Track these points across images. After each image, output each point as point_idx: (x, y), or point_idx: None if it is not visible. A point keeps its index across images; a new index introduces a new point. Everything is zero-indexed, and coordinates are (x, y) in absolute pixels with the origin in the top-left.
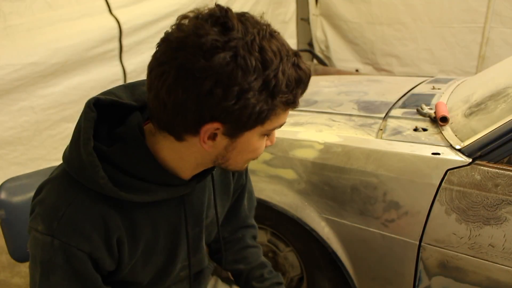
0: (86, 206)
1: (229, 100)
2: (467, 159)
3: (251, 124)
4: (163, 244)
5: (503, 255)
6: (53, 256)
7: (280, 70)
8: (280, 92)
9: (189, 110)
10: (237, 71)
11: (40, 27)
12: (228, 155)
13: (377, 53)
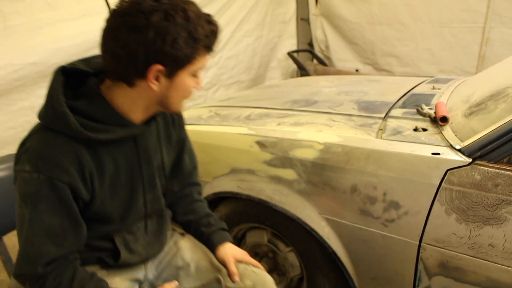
0: (63, 147)
1: (166, 45)
2: (467, 159)
3: (183, 63)
4: (124, 179)
5: (503, 255)
6: (40, 188)
7: (198, 24)
8: (200, 39)
9: (138, 57)
10: (168, 24)
11: (40, 27)
12: (169, 94)
13: (377, 53)
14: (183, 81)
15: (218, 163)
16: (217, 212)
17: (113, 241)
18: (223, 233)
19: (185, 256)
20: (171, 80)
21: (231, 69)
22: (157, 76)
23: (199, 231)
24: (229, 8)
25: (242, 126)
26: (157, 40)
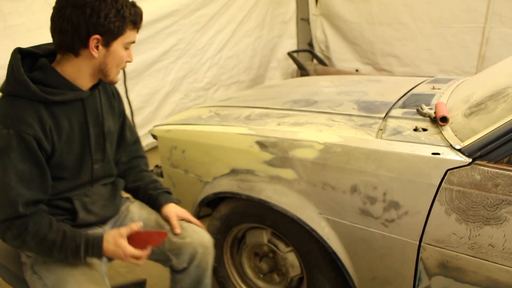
0: (25, 107)
1: (100, 19)
2: (467, 159)
3: (115, 34)
4: (77, 136)
5: (503, 255)
6: (10, 141)
7: (125, 5)
8: (126, 16)
9: (81, 29)
10: (100, 3)
11: (40, 27)
12: (106, 62)
13: (377, 53)
14: (117, 50)
15: (218, 163)
16: (217, 212)
17: (72, 202)
18: (168, 195)
19: (134, 217)
20: (108, 49)
21: (231, 69)
22: (96, 45)
23: (147, 194)
24: (229, 8)
25: (242, 126)
26: (94, 15)
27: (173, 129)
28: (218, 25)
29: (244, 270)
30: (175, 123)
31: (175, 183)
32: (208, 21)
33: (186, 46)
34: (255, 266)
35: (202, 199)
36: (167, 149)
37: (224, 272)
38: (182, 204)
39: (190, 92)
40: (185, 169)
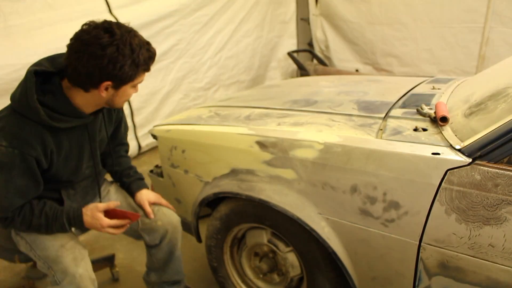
0: (32, 130)
1: (115, 70)
2: (467, 159)
3: (126, 82)
4: (74, 153)
5: (503, 255)
6: (14, 159)
7: (140, 54)
8: (141, 65)
9: (95, 76)
10: (118, 55)
11: (40, 27)
12: (114, 99)
13: (377, 53)
14: (125, 91)
15: (218, 163)
16: (217, 212)
17: (60, 193)
18: (140, 182)
19: (111, 199)
20: (117, 91)
21: (231, 69)
22: (106, 88)
23: (122, 180)
24: (229, 8)
25: (242, 126)
26: (109, 66)
27: (173, 129)
28: (218, 25)
29: (244, 270)
30: (175, 123)
31: (175, 183)
32: (208, 21)
33: (186, 46)
34: (255, 266)
35: (202, 199)
36: (167, 149)
37: (224, 272)
38: (182, 204)
39: (190, 92)
40: (185, 169)
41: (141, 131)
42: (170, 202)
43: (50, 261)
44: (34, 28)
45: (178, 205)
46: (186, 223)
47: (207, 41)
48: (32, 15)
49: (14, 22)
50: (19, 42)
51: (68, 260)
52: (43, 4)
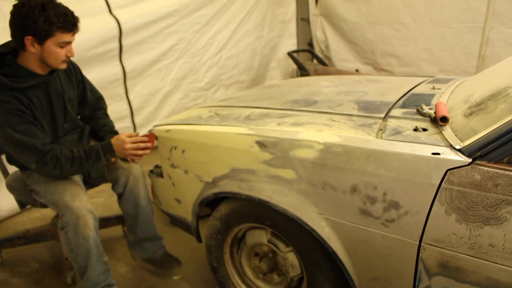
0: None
1: (29, 25)
2: (467, 159)
3: (44, 37)
4: (46, 109)
5: (503, 255)
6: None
7: (54, 14)
8: (54, 22)
9: (17, 32)
10: (30, 12)
11: None
12: (44, 56)
13: (377, 53)
14: (50, 49)
15: (218, 163)
16: (217, 212)
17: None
18: (112, 134)
19: None
20: (42, 47)
21: (231, 69)
22: (31, 43)
23: (99, 135)
24: (229, 8)
25: (242, 126)
26: (24, 22)
27: (173, 129)
28: (218, 25)
29: (244, 270)
30: (175, 123)
31: (175, 183)
32: (208, 21)
33: (186, 46)
34: (255, 266)
35: (202, 199)
36: (167, 149)
37: (224, 272)
38: (182, 204)
39: (190, 92)
40: (185, 169)
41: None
42: (170, 202)
43: (56, 201)
44: None
45: (178, 205)
46: (186, 223)
47: (207, 41)
48: None
49: None
50: None
51: (67, 198)
52: None
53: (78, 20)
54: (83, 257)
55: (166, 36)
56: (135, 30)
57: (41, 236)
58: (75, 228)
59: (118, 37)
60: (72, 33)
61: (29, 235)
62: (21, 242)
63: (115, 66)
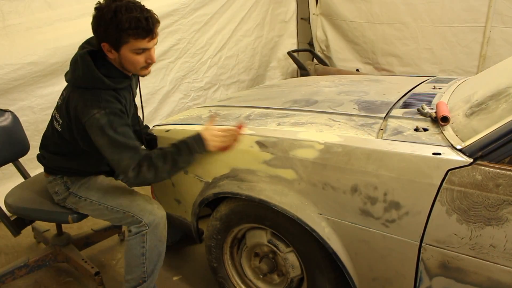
0: (107, 94)
1: (101, 32)
2: (468, 159)
3: (117, 44)
4: (129, 109)
5: (504, 256)
6: (109, 117)
7: (126, 20)
8: (125, 29)
9: (96, 37)
10: (101, 19)
11: (39, 27)
12: (122, 62)
13: (377, 53)
14: (127, 55)
15: (218, 163)
16: (217, 212)
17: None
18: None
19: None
20: (119, 53)
21: (231, 69)
22: (108, 49)
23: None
24: (229, 8)
25: None
26: (99, 29)
27: (173, 129)
28: (218, 25)
29: (244, 270)
30: (175, 123)
31: (174, 183)
32: (208, 21)
33: (186, 45)
34: (255, 266)
35: (202, 199)
36: None
37: (224, 273)
38: (182, 204)
39: (190, 92)
40: (185, 169)
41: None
42: (170, 202)
43: (125, 206)
44: (33, 27)
45: (178, 206)
46: (186, 223)
47: (207, 40)
48: (31, 14)
49: (13, 21)
50: (18, 42)
51: (142, 201)
52: (42, 3)
53: (155, 25)
54: (153, 262)
55: (166, 36)
56: None
57: (43, 261)
58: (155, 230)
59: None
60: (147, 39)
61: (31, 263)
62: (23, 273)
63: None
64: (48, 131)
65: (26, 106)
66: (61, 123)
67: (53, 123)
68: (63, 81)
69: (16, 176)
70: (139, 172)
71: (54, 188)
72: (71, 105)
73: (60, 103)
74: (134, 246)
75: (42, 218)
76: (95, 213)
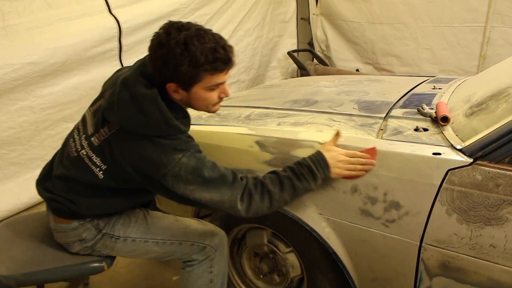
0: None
1: (169, 71)
2: (468, 159)
3: (190, 83)
4: None
5: (504, 256)
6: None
7: (200, 53)
8: (201, 65)
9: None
10: (169, 56)
11: (39, 27)
12: (191, 102)
13: (377, 53)
14: (199, 94)
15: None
16: (217, 212)
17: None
18: None
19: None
20: (188, 93)
21: None
22: (175, 90)
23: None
24: (229, 8)
25: (242, 126)
26: (163, 68)
27: None
28: (218, 25)
29: (244, 270)
30: None
31: None
32: (208, 21)
33: None
34: (255, 266)
35: None
36: None
37: None
38: (181, 204)
39: None
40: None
41: None
42: (170, 202)
43: (180, 236)
44: (33, 27)
45: (178, 205)
46: None
47: None
48: (31, 14)
49: (13, 21)
50: (18, 42)
51: (195, 224)
52: (42, 3)
53: (232, 52)
54: (220, 284)
55: None
56: (134, 29)
57: None
58: (222, 251)
59: (117, 36)
60: (225, 72)
61: None
62: None
63: (115, 66)
64: (75, 173)
65: (26, 106)
66: (105, 169)
67: (87, 164)
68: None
69: (17, 176)
70: (251, 203)
71: (79, 235)
72: (131, 154)
73: (100, 145)
74: (201, 275)
75: (67, 276)
76: (137, 252)
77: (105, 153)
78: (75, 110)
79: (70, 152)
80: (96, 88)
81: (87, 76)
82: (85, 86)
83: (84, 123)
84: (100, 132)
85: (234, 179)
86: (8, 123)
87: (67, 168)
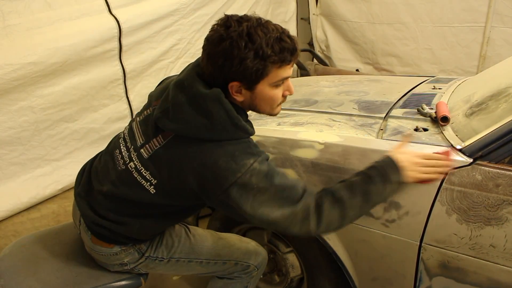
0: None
1: (234, 68)
2: (468, 159)
3: (256, 79)
4: None
5: (504, 256)
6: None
7: (263, 44)
8: (268, 56)
9: (217, 77)
10: (232, 50)
11: (39, 27)
12: (255, 103)
13: (377, 53)
14: (263, 92)
15: None
16: (217, 212)
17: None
18: None
19: None
20: (252, 92)
21: None
22: (237, 90)
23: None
24: (229, 8)
25: None
26: (226, 63)
27: None
28: None
29: None
30: None
31: None
32: (208, 21)
33: (186, 45)
34: None
35: None
36: None
37: None
38: None
39: None
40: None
41: None
42: None
43: (224, 255)
44: (33, 27)
45: None
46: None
47: None
48: (31, 14)
49: (13, 21)
50: (18, 42)
51: (238, 242)
52: (42, 3)
53: (297, 42)
54: None
55: (166, 36)
56: (134, 29)
57: None
58: (262, 270)
59: (117, 36)
60: (291, 64)
61: None
62: None
63: (114, 66)
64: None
65: (26, 106)
66: (156, 184)
67: (136, 178)
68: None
69: (17, 176)
70: (321, 214)
71: (121, 259)
72: (192, 162)
73: (150, 157)
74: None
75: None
76: (179, 270)
77: (156, 166)
78: (75, 110)
79: (117, 165)
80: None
81: (87, 76)
82: (85, 86)
83: (131, 133)
84: (152, 143)
85: (305, 188)
86: (8, 123)
87: (115, 184)
